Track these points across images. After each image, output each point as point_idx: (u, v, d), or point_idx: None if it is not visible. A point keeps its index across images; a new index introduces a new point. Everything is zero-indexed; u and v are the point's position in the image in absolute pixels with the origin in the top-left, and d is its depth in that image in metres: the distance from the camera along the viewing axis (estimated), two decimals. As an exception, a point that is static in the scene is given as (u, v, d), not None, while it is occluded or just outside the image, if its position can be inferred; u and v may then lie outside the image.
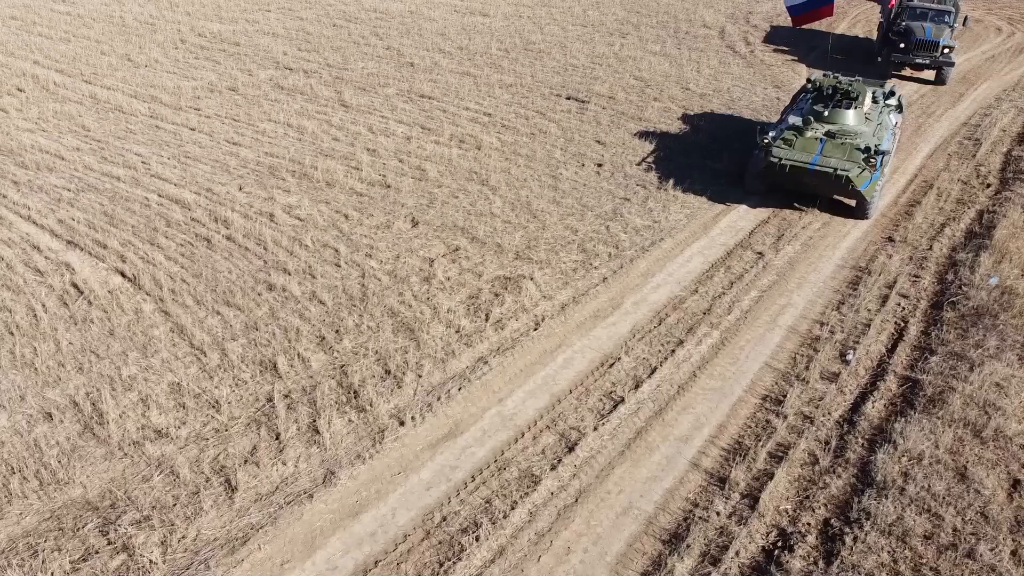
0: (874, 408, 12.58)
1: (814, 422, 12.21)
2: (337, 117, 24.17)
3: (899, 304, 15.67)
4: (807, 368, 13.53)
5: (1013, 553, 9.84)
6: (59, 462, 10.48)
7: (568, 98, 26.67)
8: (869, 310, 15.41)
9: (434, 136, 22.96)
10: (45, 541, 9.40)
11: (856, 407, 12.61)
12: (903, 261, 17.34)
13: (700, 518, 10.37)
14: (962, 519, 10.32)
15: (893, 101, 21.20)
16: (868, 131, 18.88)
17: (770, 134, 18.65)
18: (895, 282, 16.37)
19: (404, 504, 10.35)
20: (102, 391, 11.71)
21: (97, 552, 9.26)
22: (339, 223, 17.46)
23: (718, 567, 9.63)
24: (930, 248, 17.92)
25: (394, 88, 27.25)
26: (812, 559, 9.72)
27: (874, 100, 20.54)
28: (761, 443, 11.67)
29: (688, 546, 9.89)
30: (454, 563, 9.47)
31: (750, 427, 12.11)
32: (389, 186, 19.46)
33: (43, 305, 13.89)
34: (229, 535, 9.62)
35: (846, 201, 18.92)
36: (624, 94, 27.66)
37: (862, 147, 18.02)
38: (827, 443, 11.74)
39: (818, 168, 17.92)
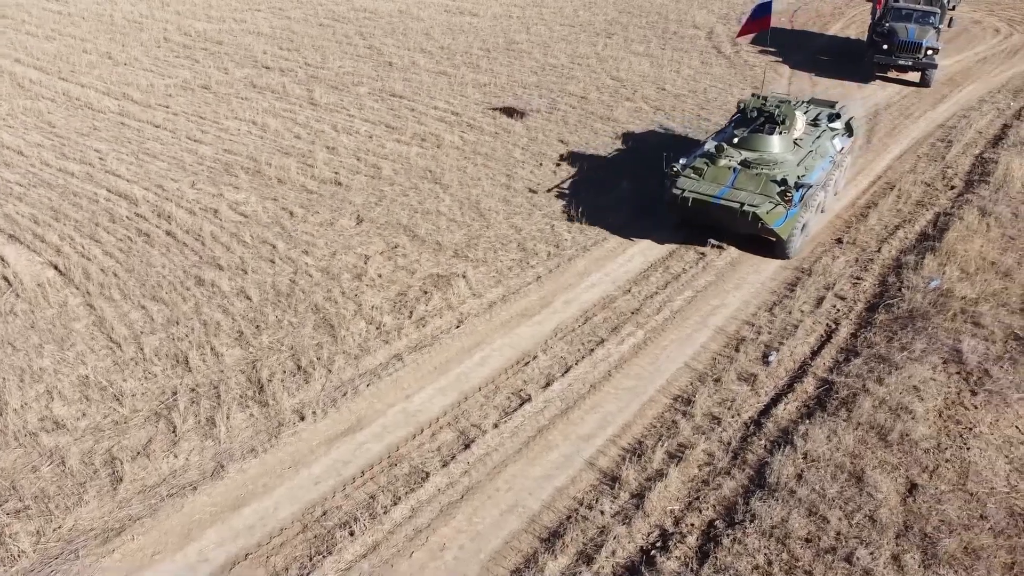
0: (785, 410, 12.46)
1: (720, 423, 12.13)
2: (303, 115, 24.34)
3: (834, 306, 15.51)
4: (725, 369, 13.43)
5: (894, 558, 9.72)
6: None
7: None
8: (802, 312, 15.27)
9: (397, 135, 23.05)
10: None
11: (767, 409, 12.51)
12: (848, 263, 17.14)
13: (584, 517, 10.34)
14: (848, 523, 10.20)
15: (838, 124, 19.14)
16: (793, 160, 16.75)
17: (680, 161, 16.70)
18: (834, 284, 16.20)
19: (288, 498, 10.42)
20: (8, 382, 11.88)
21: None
22: (283, 220, 17.59)
23: (591, 566, 9.60)
24: (878, 250, 17.70)
25: (367, 87, 27.39)
26: (687, 560, 9.65)
27: (814, 123, 18.76)
28: (662, 443, 11.61)
29: (565, 545, 9.87)
30: (324, 557, 9.52)
31: (655, 427, 12.05)
32: (340, 184, 19.57)
33: (-28, 297, 14.12)
34: (105, 526, 9.74)
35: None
36: (597, 94, 27.60)
37: (779, 179, 15.79)
38: (728, 444, 11.66)
39: (724, 203, 15.73)
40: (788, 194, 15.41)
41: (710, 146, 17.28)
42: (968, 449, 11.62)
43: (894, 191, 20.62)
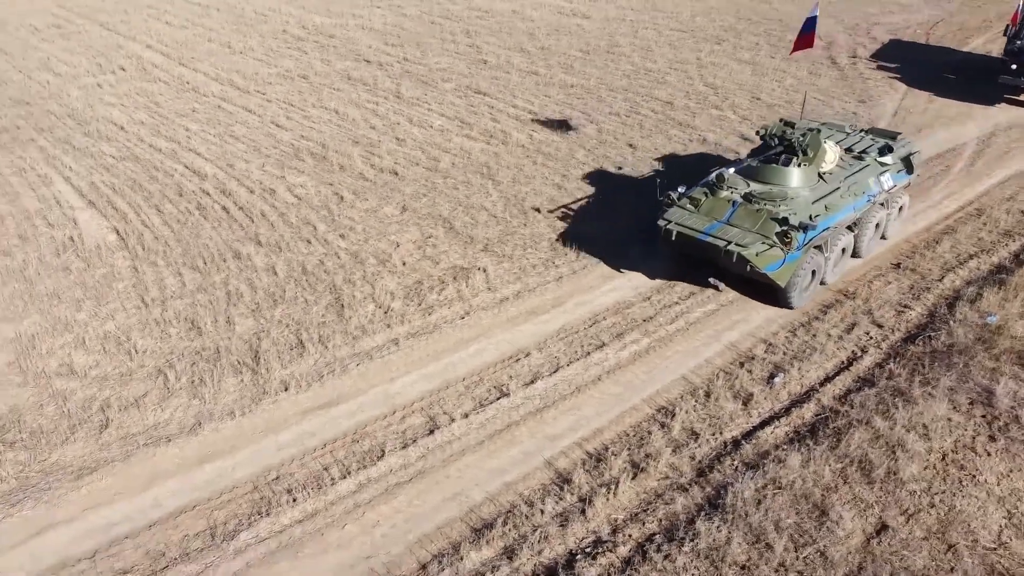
0: (772, 434, 11.93)
1: (698, 439, 11.78)
2: (385, 107, 25.34)
3: (867, 333, 14.60)
4: (723, 386, 12.98)
5: (833, 598, 9.16)
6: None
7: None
8: (828, 335, 14.49)
9: (467, 130, 23.59)
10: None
11: (753, 431, 12.01)
12: (900, 290, 16.06)
13: (523, 514, 10.36)
14: (795, 555, 9.69)
15: (890, 160, 16.50)
16: (809, 196, 14.59)
17: (680, 189, 15.10)
18: (874, 310, 15.23)
19: (250, 460, 11.06)
20: (44, 330, 13.24)
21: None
22: (331, 204, 18.48)
23: (512, 561, 9.63)
24: (940, 279, 16.47)
25: (454, 83, 28.13)
26: (609, 570, 9.49)
27: (858, 157, 16.42)
28: (628, 452, 11.43)
29: (493, 538, 9.94)
30: (262, 518, 10.07)
31: (627, 436, 11.86)
32: (396, 173, 20.29)
33: (39, 253, 15.77)
34: (83, 464, 10.72)
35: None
36: (685, 100, 27.06)
37: (782, 217, 13.88)
38: (697, 461, 11.31)
39: (710, 240, 14.01)
40: (788, 235, 13.57)
41: (721, 173, 15.31)
42: (963, 497, 10.70)
43: (981, 218, 19.08)
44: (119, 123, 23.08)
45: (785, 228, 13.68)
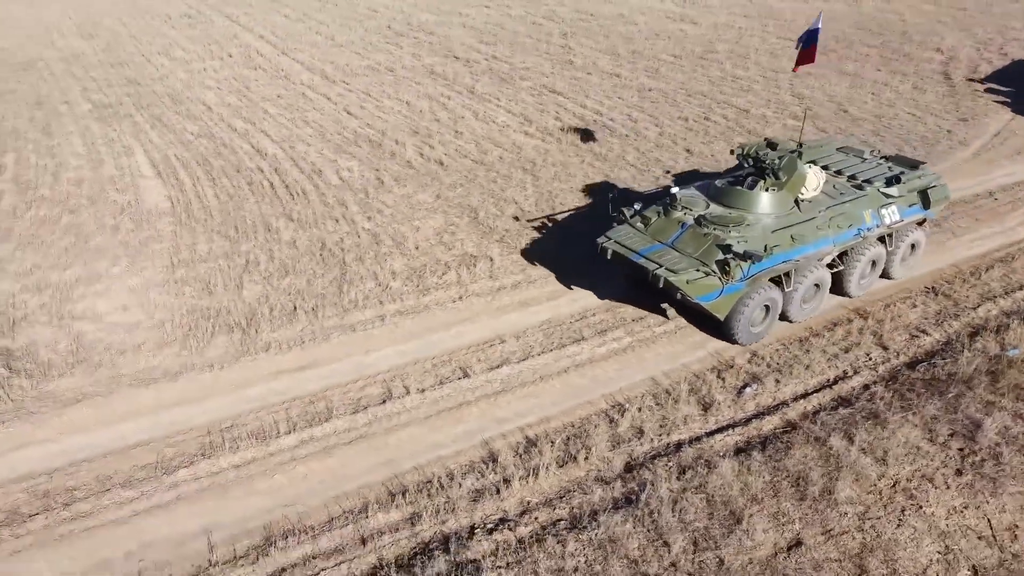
0: (722, 441, 11.80)
1: (642, 438, 11.83)
2: (455, 102, 26.30)
3: (867, 354, 14.03)
4: (689, 390, 12.91)
5: (713, 603, 9.09)
6: (12, 313, 13.76)
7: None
8: (824, 352, 14.04)
9: (528, 127, 24.14)
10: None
11: (704, 436, 11.91)
12: (924, 315, 15.28)
13: (441, 486, 10.82)
14: (690, 557, 9.65)
15: (896, 191, 15.02)
16: (771, 224, 13.43)
17: (635, 206, 14.31)
18: (884, 333, 14.58)
19: (215, 408, 12.12)
20: (80, 280, 14.93)
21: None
22: (370, 188, 19.54)
23: (414, 527, 10.13)
24: (975, 308, 15.52)
25: (532, 82, 28.74)
26: (503, 547, 9.80)
27: (858, 186, 15.03)
28: (566, 442, 11.64)
29: (404, 504, 10.46)
30: (204, 459, 11.06)
31: (573, 426, 12.06)
32: (442, 164, 21.13)
33: (100, 214, 17.70)
34: (72, 395, 12.13)
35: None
36: (763, 109, 26.45)
37: (726, 244, 12.89)
38: (633, 458, 11.38)
39: (642, 262, 13.17)
40: (728, 265, 12.60)
41: (679, 192, 14.35)
42: (898, 526, 10.24)
43: (1049, 247, 17.72)
44: (208, 104, 25.21)
45: (727, 257, 12.62)
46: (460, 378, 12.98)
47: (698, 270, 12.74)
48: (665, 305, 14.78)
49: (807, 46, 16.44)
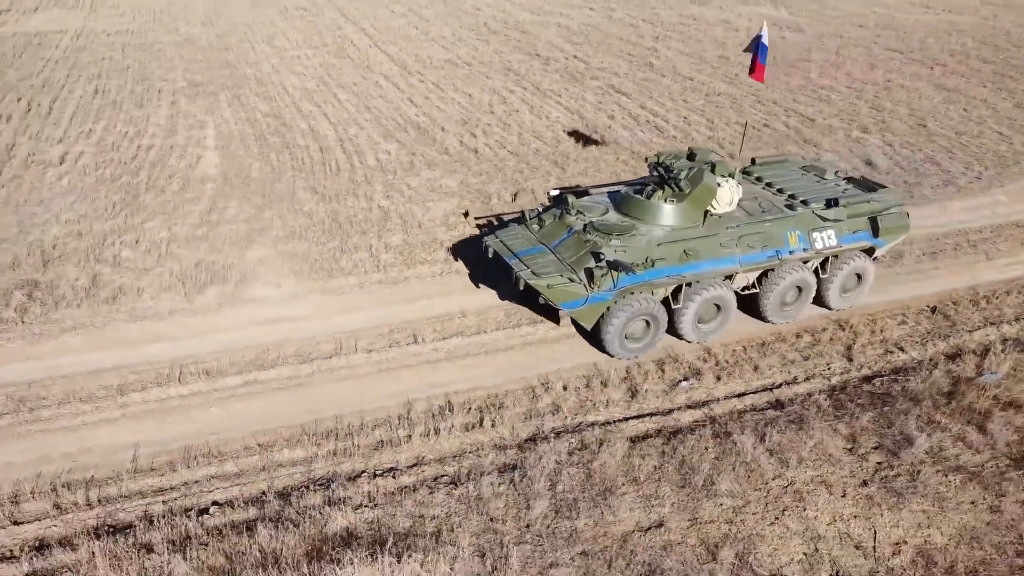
0: (635, 427, 12.14)
1: (556, 415, 12.34)
2: (516, 95, 27.26)
3: (828, 364, 13.85)
4: (624, 377, 13.28)
5: (548, 566, 9.58)
6: (50, 253, 15.95)
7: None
8: (783, 356, 13.99)
9: (577, 123, 24.74)
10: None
11: (619, 421, 12.28)
12: (911, 333, 14.85)
13: (351, 434, 11.81)
14: (548, 521, 10.14)
15: (833, 215, 14.11)
16: (662, 236, 13.09)
17: (539, 207, 14.50)
18: (856, 345, 14.31)
19: (185, 347, 13.63)
20: (117, 231, 17.02)
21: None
22: (399, 169, 20.83)
23: (310, 465, 11.17)
24: (972, 331, 14.92)
25: (602, 82, 29.26)
26: (376, 493, 10.65)
27: (789, 205, 14.27)
28: (483, 410, 12.34)
29: (309, 445, 11.53)
30: (155, 387, 12.56)
31: (495, 397, 12.70)
32: (477, 152, 22.15)
33: (156, 177, 19.94)
34: (70, 324, 14.02)
35: None
36: (831, 120, 25.81)
37: (602, 252, 12.66)
38: (541, 431, 11.92)
39: (512, 263, 13.15)
40: (595, 274, 12.42)
41: (598, 197, 14.29)
42: (772, 523, 10.31)
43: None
44: (287, 88, 27.41)
45: (597, 265, 12.51)
46: (409, 344, 13.90)
47: (562, 275, 12.63)
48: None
49: (762, 58, 15.84)
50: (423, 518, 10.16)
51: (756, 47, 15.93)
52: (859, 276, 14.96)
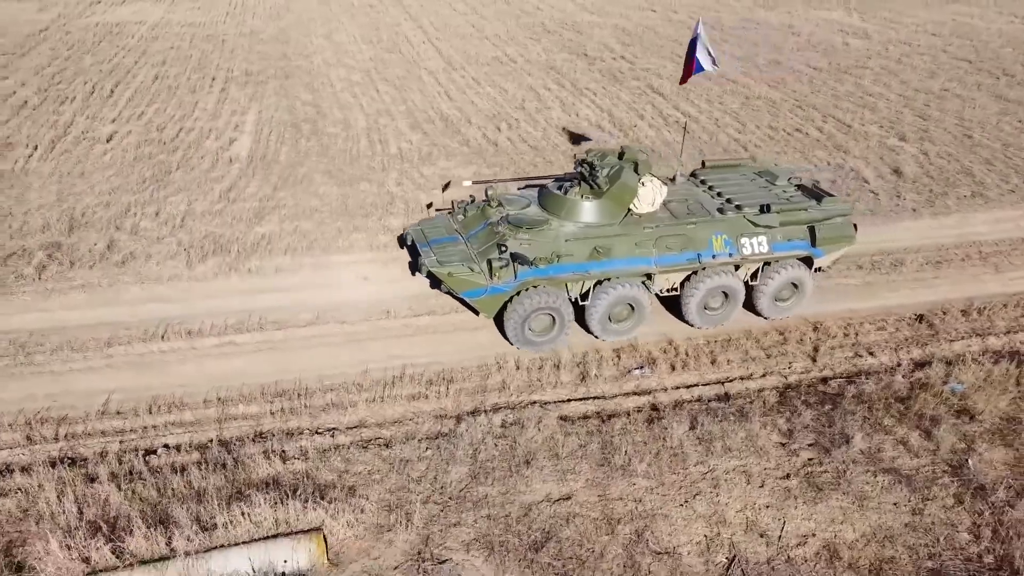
0: (573, 407, 12.59)
1: (502, 391, 12.91)
2: (551, 92, 27.83)
3: (789, 363, 13.97)
4: (578, 362, 13.73)
5: (428, 519, 10.18)
6: (78, 219, 17.50)
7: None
8: (747, 352, 14.18)
9: (603, 120, 25.13)
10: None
11: (561, 402, 12.73)
12: (888, 339, 14.79)
13: (306, 395, 12.67)
14: (463, 485, 10.74)
15: (766, 220, 13.84)
16: (573, 232, 13.25)
17: (470, 199, 14.66)
18: (823, 349, 14.36)
19: (177, 309, 14.77)
20: (142, 203, 18.50)
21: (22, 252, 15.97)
22: (416, 158, 21.72)
23: (259, 421, 12.09)
24: (953, 341, 14.74)
25: (641, 82, 29.53)
26: (309, 450, 11.44)
27: (720, 209, 14.12)
28: (433, 381, 13.01)
29: (265, 403, 12.45)
30: (140, 342, 13.74)
31: (450, 371, 13.33)
32: (497, 145, 22.85)
33: (189, 157, 21.44)
34: (79, 283, 15.39)
35: None
36: (869, 127, 25.42)
37: (506, 244, 12.95)
38: (483, 404, 12.51)
39: (423, 251, 13.51)
40: (493, 265, 12.72)
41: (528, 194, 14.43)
42: (681, 505, 10.63)
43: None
44: (333, 79, 28.75)
45: (498, 256, 12.81)
46: (381, 319, 14.70)
47: (463, 264, 12.96)
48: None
49: (700, 59, 15.35)
50: (347, 473, 10.90)
51: (693, 46, 15.27)
52: (796, 286, 14.63)
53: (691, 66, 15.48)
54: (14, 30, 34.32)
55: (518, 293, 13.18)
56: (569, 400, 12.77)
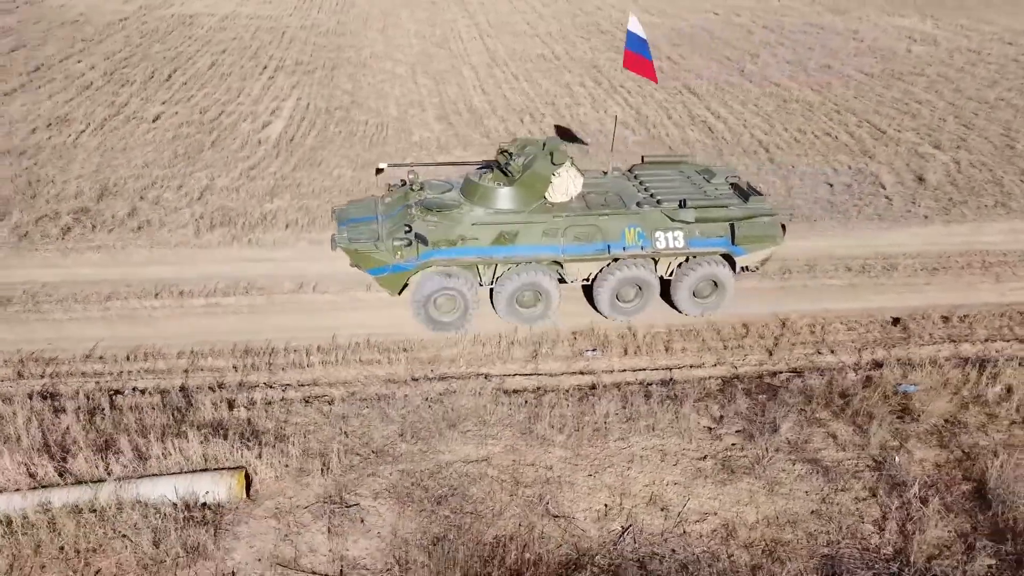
0: (513, 380, 13.24)
1: (454, 363, 13.67)
2: (585, 90, 28.40)
3: (745, 355, 14.24)
4: (531, 341, 14.33)
5: (369, 475, 11.00)
6: (110, 189, 19.17)
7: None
8: (703, 342, 14.53)
9: (630, 116, 25.57)
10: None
11: (505, 376, 13.38)
12: (855, 340, 14.86)
13: (271, 353, 13.73)
14: (386, 442, 11.56)
15: (685, 216, 14.02)
16: (482, 217, 13.70)
17: (409, 180, 14.55)
18: (782, 342, 14.57)
19: (176, 272, 16.10)
20: (166, 177, 20.09)
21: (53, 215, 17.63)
22: (436, 147, 22.69)
23: (222, 373, 13.21)
24: (923, 346, 14.71)
25: (678, 82, 29.77)
26: (261, 401, 12.47)
27: (639, 203, 14.25)
28: (392, 352, 13.87)
29: (238, 359, 13.58)
30: (136, 299, 15.10)
31: (407, 341, 14.15)
32: (515, 137, 23.57)
33: (223, 136, 23.01)
34: (97, 244, 16.93)
35: None
36: (903, 133, 25.05)
37: (411, 225, 13.48)
38: (429, 373, 13.32)
39: (341, 228, 14.00)
40: (396, 244, 13.30)
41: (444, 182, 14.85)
42: (589, 475, 11.14)
43: (1093, 309, 15.69)
44: (376, 71, 30.08)
45: (399, 237, 13.38)
46: (359, 291, 15.65)
47: (370, 242, 13.48)
48: None
49: (636, 52, 15.05)
50: (285, 423, 11.84)
51: (635, 44, 15.21)
52: (716, 284, 14.76)
53: (633, 61, 15.45)
54: (98, 19, 37.07)
55: (417, 272, 13.74)
56: (516, 375, 13.36)
